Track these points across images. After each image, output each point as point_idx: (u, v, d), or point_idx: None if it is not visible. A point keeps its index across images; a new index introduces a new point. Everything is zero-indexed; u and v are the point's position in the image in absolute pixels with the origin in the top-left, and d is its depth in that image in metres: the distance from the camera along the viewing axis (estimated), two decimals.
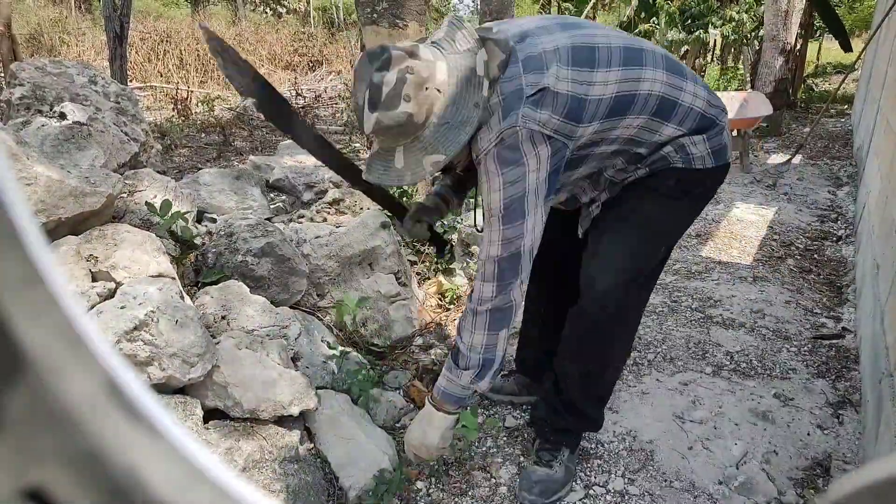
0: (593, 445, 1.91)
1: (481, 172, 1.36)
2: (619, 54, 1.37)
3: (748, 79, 8.49)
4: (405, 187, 2.86)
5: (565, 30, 1.38)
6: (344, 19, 16.25)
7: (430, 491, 1.74)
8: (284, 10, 17.71)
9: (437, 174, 1.57)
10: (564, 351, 1.70)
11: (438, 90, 1.29)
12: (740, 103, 5.59)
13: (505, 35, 1.35)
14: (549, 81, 1.30)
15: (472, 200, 1.73)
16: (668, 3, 9.19)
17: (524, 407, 2.10)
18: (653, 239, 1.55)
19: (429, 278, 2.99)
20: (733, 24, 8.88)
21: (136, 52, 10.07)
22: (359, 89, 1.29)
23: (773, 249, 3.54)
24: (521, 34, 1.36)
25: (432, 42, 1.36)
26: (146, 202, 2.00)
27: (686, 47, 9.70)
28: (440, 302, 2.83)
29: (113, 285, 1.61)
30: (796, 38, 7.41)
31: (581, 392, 1.72)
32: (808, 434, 1.95)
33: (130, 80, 8.15)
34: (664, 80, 1.40)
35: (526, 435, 1.96)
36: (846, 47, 8.22)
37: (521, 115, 1.28)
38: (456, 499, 1.72)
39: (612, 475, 1.79)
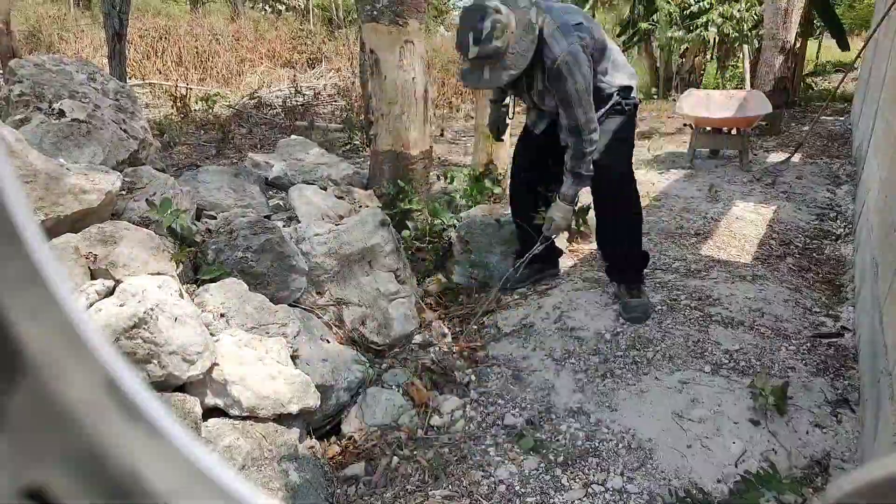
0: (592, 444, 1.91)
1: (554, 77, 2.24)
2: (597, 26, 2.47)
3: (748, 77, 8.48)
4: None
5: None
6: (343, 17, 16.23)
7: (430, 490, 1.74)
8: (283, 7, 17.68)
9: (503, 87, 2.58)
10: (604, 226, 2.67)
11: (513, 32, 2.17)
12: (740, 102, 5.59)
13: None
14: (582, 19, 2.31)
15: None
16: (668, 3, 9.18)
17: (523, 405, 2.11)
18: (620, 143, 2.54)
19: (428, 276, 2.99)
20: (734, 21, 8.86)
21: (135, 49, 10.04)
22: (463, 30, 2.18)
23: (772, 248, 3.54)
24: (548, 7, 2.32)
25: (502, 1, 2.18)
26: (145, 199, 2.00)
27: (686, 45, 9.69)
28: (439, 300, 2.83)
29: (112, 283, 1.60)
30: (796, 37, 7.40)
31: (625, 243, 2.63)
32: (807, 433, 1.95)
33: (129, 77, 8.12)
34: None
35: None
36: (843, 46, 8.22)
37: (577, 36, 2.22)
38: (456, 498, 1.72)
39: (611, 473, 1.80)
